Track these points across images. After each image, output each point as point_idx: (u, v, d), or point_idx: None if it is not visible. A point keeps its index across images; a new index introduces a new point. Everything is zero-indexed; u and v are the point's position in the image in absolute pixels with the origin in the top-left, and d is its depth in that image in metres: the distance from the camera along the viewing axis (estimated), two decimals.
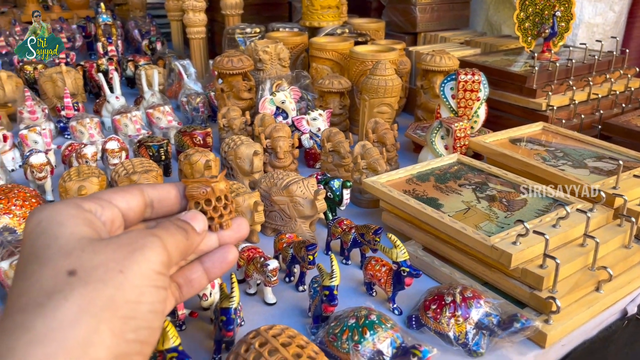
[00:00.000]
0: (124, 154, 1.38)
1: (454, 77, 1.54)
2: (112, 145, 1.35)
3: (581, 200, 1.11)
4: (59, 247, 0.43)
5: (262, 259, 0.94)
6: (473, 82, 1.52)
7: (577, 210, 1.03)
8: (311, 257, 0.96)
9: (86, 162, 1.31)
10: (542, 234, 0.92)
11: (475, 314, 0.86)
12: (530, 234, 0.93)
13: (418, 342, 0.80)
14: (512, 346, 0.88)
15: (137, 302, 0.42)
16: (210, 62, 2.07)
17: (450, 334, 0.86)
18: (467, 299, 0.88)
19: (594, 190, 1.12)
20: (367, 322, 0.82)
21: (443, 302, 0.88)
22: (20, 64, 2.17)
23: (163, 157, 1.42)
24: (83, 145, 1.35)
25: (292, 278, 1.05)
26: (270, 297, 0.98)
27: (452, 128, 1.38)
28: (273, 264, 0.92)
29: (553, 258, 0.90)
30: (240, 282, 1.02)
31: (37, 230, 0.45)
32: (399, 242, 0.93)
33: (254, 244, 1.08)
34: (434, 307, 0.89)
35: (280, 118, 1.68)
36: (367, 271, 0.98)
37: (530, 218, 1.06)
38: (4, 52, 2.40)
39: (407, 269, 0.91)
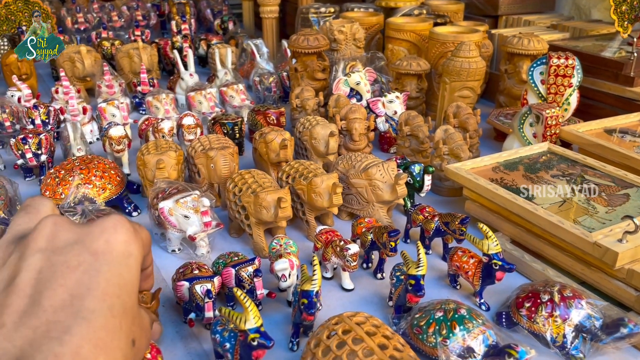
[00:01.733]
0: (199, 130, 1.37)
1: (544, 60, 1.44)
2: (188, 121, 1.34)
3: None
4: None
5: (342, 242, 0.90)
6: (566, 66, 1.41)
7: None
8: (393, 244, 0.90)
9: (163, 136, 1.30)
10: None
11: (576, 315, 0.79)
12: None
13: (513, 341, 0.74)
14: (616, 353, 0.79)
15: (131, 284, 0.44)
16: (283, 42, 2.04)
17: (547, 335, 0.79)
18: (566, 298, 0.80)
19: None
20: (456, 316, 0.76)
21: (539, 301, 0.81)
22: (98, 39, 2.22)
23: (237, 135, 1.40)
24: (160, 120, 1.35)
25: (369, 264, 1.00)
26: (348, 282, 0.94)
27: (543, 115, 1.28)
28: (354, 248, 0.88)
29: None
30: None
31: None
32: (491, 233, 0.86)
33: (329, 227, 1.04)
34: (528, 304, 0.82)
35: (354, 100, 1.63)
36: (452, 262, 0.92)
37: (635, 214, 0.96)
38: (82, 28, 2.47)
39: (500, 262, 0.85)
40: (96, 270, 0.41)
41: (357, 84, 1.62)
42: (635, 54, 1.52)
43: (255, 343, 0.65)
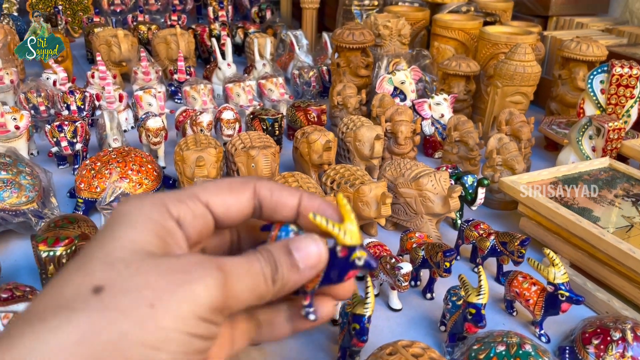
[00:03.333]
0: (237, 125, 1.32)
1: (605, 68, 1.35)
2: (227, 115, 1.29)
3: None
4: (105, 254, 0.34)
5: (393, 260, 0.84)
6: (630, 76, 1.31)
7: None
8: (447, 264, 0.84)
9: (201, 130, 1.25)
10: None
11: None
12: None
13: None
14: None
15: (155, 349, 0.31)
16: (324, 34, 1.97)
17: None
18: None
19: None
20: (520, 352, 0.70)
21: (609, 338, 0.74)
22: (135, 23, 2.18)
23: (277, 132, 1.34)
24: (199, 113, 1.30)
25: (418, 282, 0.94)
26: (396, 302, 0.88)
27: (605, 128, 1.20)
28: (407, 267, 0.81)
29: None
30: (359, 279, 0.93)
31: (107, 225, 0.37)
32: (558, 260, 0.79)
33: (377, 240, 0.98)
34: (596, 342, 0.75)
35: (397, 99, 1.56)
36: (511, 288, 0.85)
37: None
38: (118, 10, 2.43)
39: (567, 294, 0.78)
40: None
41: (402, 83, 1.55)
42: None
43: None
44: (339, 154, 1.31)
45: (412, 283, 0.94)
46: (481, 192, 1.07)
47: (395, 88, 1.56)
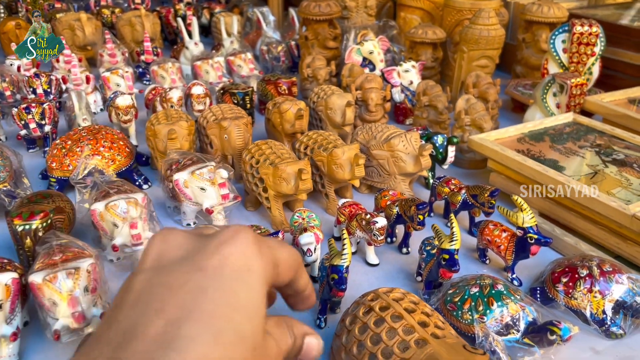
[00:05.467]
0: (208, 100, 1.32)
1: (567, 28, 1.38)
2: (197, 90, 1.28)
3: None
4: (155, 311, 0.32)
5: (368, 215, 0.86)
6: (590, 34, 1.35)
7: None
8: (422, 217, 0.86)
9: (171, 106, 1.25)
10: None
11: (617, 290, 0.75)
12: None
13: (554, 317, 0.71)
14: None
15: None
16: (290, 10, 1.97)
17: (586, 311, 0.76)
18: (606, 273, 0.77)
19: None
20: (493, 292, 0.73)
21: (577, 275, 0.78)
22: (97, 7, 2.14)
23: (248, 105, 1.34)
24: (168, 89, 1.29)
25: (394, 239, 0.96)
26: (373, 257, 0.90)
27: (568, 84, 1.23)
28: (381, 221, 0.83)
29: None
30: (336, 239, 0.94)
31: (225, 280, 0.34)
32: (526, 205, 0.82)
33: (353, 200, 1.00)
34: (565, 280, 0.79)
35: (367, 70, 1.57)
36: (483, 236, 0.88)
37: None
38: None
39: (535, 236, 0.81)
40: (201, 289, 0.32)
41: (371, 52, 1.56)
42: None
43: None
44: (312, 123, 1.32)
45: (388, 240, 0.96)
46: (451, 151, 1.09)
47: (364, 58, 1.58)
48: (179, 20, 1.78)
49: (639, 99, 1.34)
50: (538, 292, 0.82)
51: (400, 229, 0.96)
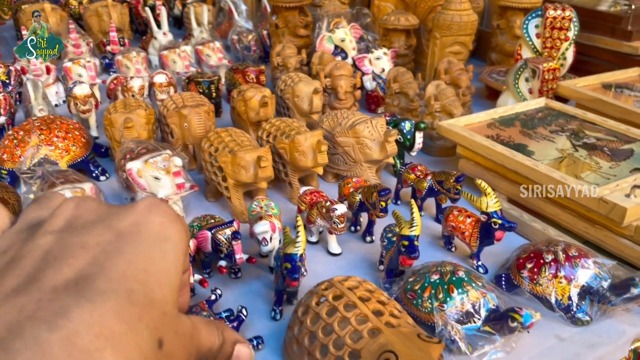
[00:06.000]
0: (172, 89, 1.27)
1: (540, 13, 1.36)
2: (159, 79, 1.24)
3: None
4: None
5: (328, 203, 0.83)
6: (563, 18, 1.33)
7: None
8: (384, 204, 0.83)
9: (132, 95, 1.20)
10: None
11: (582, 275, 0.73)
12: None
13: (516, 304, 0.68)
14: (625, 315, 0.74)
15: None
16: None
17: (551, 297, 0.73)
18: (571, 258, 0.74)
19: None
20: (454, 278, 0.70)
21: (542, 261, 0.75)
22: None
23: (214, 94, 1.30)
24: (130, 78, 1.25)
25: (358, 227, 0.93)
26: (335, 246, 0.87)
27: (540, 69, 1.21)
28: (341, 208, 0.80)
29: None
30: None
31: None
32: (489, 190, 0.79)
33: (315, 188, 0.96)
34: (530, 265, 0.76)
35: (339, 58, 1.53)
36: (447, 223, 0.85)
37: None
38: None
39: (499, 221, 0.78)
40: (117, 250, 0.32)
41: (342, 40, 1.53)
42: (633, 7, 1.45)
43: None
44: (279, 112, 1.28)
45: (352, 228, 0.93)
46: (419, 137, 1.06)
47: (336, 46, 1.54)
48: (147, 10, 1.73)
49: (615, 84, 1.32)
50: (503, 279, 0.79)
51: (364, 217, 0.93)
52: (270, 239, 0.78)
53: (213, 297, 0.71)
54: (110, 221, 0.34)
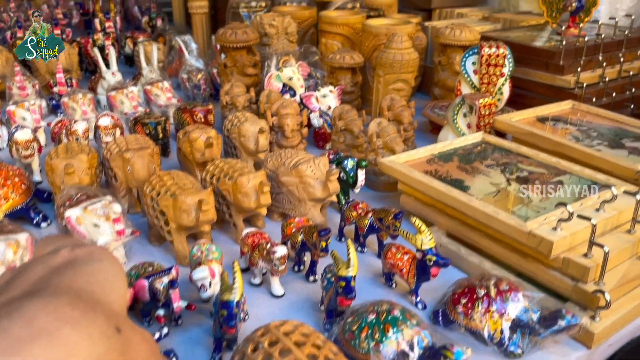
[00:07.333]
0: (118, 131, 1.27)
1: (476, 50, 1.42)
2: (104, 121, 1.24)
3: (623, 182, 1.00)
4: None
5: (269, 245, 0.84)
6: (497, 55, 1.39)
7: (624, 192, 0.91)
8: (324, 244, 0.85)
9: (77, 139, 1.20)
10: (588, 219, 0.81)
11: (513, 309, 0.75)
12: (574, 219, 0.82)
13: (449, 341, 0.70)
14: (555, 346, 0.77)
15: None
16: (213, 37, 1.95)
17: (484, 331, 0.75)
18: (502, 292, 0.77)
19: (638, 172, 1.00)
20: (389, 318, 0.71)
21: (475, 296, 0.77)
22: (13, 39, 2.06)
23: (161, 135, 1.31)
24: (74, 122, 1.24)
25: (301, 267, 0.94)
26: (278, 288, 0.88)
27: (476, 105, 1.26)
28: (281, 250, 0.81)
29: (601, 246, 0.78)
30: (244, 271, 0.91)
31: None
32: (424, 227, 0.82)
33: (260, 229, 0.97)
34: (464, 301, 0.78)
35: (287, 96, 1.56)
36: (386, 260, 0.87)
37: (569, 201, 0.95)
38: None
39: (434, 258, 0.80)
40: (58, 274, 0.36)
41: (290, 79, 1.56)
42: (564, 43, 1.53)
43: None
44: (227, 152, 1.29)
45: (296, 268, 0.94)
46: (361, 174, 1.09)
47: (285, 85, 1.57)
48: (96, 50, 1.73)
49: (550, 117, 1.38)
50: (440, 314, 0.81)
51: (308, 257, 0.94)
52: (210, 284, 0.78)
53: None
54: (45, 260, 0.37)
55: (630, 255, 0.87)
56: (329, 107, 1.46)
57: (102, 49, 1.88)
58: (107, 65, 1.71)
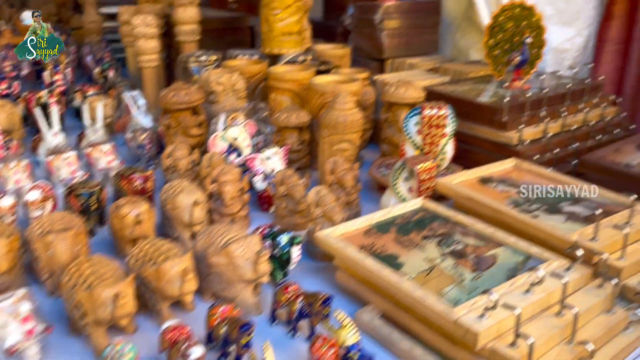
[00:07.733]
0: (49, 204, 1.22)
1: (418, 110, 1.42)
2: (32, 196, 1.19)
3: (557, 255, 0.99)
4: None
5: (186, 344, 0.79)
6: (439, 117, 1.40)
7: (552, 275, 0.89)
8: (244, 341, 0.81)
9: (1, 217, 1.14)
10: (513, 308, 0.79)
11: None
12: (499, 307, 0.80)
13: None
14: None
15: None
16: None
17: None
18: None
19: (570, 248, 0.98)
20: None
21: None
22: None
23: (95, 206, 1.26)
24: (1, 196, 1.19)
25: None
26: None
27: (416, 170, 1.25)
28: (196, 352, 0.77)
29: (525, 337, 0.77)
30: None
31: None
32: (347, 321, 0.79)
33: (181, 323, 0.91)
34: None
35: (233, 156, 1.54)
36: (312, 355, 0.83)
37: (501, 279, 0.93)
38: None
39: (357, 355, 0.77)
40: None
41: (235, 139, 1.54)
42: (507, 99, 1.55)
43: None
44: (164, 224, 1.25)
45: None
46: (296, 251, 1.06)
47: (230, 145, 1.55)
48: (36, 110, 1.68)
49: (492, 178, 1.37)
50: None
51: (233, 349, 0.90)
52: None
53: None
54: None
55: (559, 340, 0.85)
56: (273, 170, 1.44)
57: (45, 107, 1.83)
58: (50, 125, 1.66)
